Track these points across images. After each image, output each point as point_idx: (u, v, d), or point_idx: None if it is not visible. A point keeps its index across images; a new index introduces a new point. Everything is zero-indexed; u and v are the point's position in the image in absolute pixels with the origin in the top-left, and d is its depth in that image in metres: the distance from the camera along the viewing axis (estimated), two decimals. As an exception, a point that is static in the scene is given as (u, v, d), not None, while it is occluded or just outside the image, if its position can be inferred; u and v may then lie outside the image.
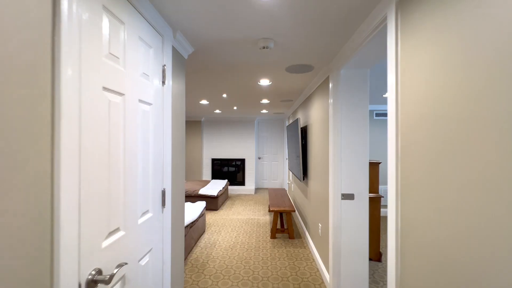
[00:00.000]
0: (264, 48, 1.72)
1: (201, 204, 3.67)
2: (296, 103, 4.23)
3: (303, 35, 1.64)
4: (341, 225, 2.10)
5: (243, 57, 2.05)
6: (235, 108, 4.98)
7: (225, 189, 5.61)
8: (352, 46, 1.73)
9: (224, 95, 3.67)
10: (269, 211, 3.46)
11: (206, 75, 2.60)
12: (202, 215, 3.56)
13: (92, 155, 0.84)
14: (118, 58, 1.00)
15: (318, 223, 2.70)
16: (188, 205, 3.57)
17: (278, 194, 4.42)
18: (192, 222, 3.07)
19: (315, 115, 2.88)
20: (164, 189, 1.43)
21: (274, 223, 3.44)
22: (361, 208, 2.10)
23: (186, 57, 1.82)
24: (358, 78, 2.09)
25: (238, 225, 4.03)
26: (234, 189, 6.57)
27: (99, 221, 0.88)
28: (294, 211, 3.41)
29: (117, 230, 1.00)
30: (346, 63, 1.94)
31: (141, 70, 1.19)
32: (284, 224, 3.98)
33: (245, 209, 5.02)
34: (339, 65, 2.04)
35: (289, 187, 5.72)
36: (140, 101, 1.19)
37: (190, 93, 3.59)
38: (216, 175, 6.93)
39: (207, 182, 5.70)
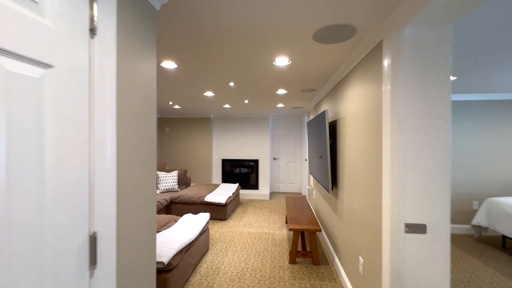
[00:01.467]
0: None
1: (204, 217, 3.01)
2: (321, 93, 3.46)
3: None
4: (406, 271, 1.34)
5: (252, 13, 1.34)
6: (246, 101, 4.29)
7: (236, 194, 4.95)
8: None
9: (231, 84, 2.98)
10: (288, 227, 2.74)
11: (203, 49, 1.92)
12: (204, 231, 2.91)
13: None
14: None
15: (357, 255, 1.94)
16: (187, 218, 2.93)
17: (297, 203, 3.68)
18: (189, 244, 2.42)
19: (353, 105, 2.11)
20: (95, 233, 0.76)
21: (293, 244, 2.71)
22: (438, 247, 1.32)
23: (158, 8, 1.14)
24: (435, 40, 1.31)
25: (250, 241, 3.34)
26: (246, 194, 5.90)
27: None
28: (320, 230, 2.66)
29: None
30: (415, 15, 1.18)
31: (2, -20, 0.52)
32: (307, 246, 3.24)
33: (258, 219, 4.32)
34: (403, 21, 1.28)
35: (309, 194, 4.95)
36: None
37: (191, 83, 2.94)
38: (226, 177, 6.29)
39: (215, 187, 5.07)
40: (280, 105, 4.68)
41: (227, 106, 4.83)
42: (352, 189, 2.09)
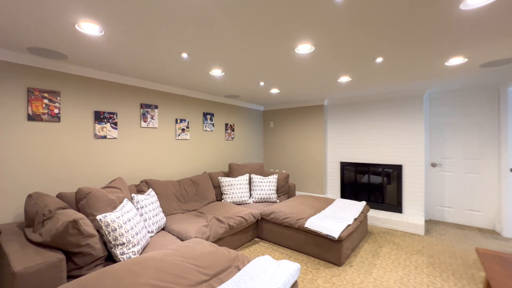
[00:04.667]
0: None
1: (288, 273, 1.55)
2: None
3: None
4: None
5: None
6: (379, 60, 2.39)
7: (361, 220, 3.06)
8: None
9: (341, -4, 1.34)
10: None
11: None
12: (285, 306, 1.45)
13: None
14: None
15: None
16: (258, 269, 1.56)
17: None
18: None
19: None
20: None
21: None
22: None
23: None
24: None
25: None
26: (379, 219, 3.78)
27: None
28: None
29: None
30: None
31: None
32: None
33: (406, 277, 2.28)
34: None
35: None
36: None
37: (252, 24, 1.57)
38: (347, 189, 4.41)
39: (328, 203, 3.42)
40: (455, 60, 2.36)
41: (344, 79, 3.07)
42: None
